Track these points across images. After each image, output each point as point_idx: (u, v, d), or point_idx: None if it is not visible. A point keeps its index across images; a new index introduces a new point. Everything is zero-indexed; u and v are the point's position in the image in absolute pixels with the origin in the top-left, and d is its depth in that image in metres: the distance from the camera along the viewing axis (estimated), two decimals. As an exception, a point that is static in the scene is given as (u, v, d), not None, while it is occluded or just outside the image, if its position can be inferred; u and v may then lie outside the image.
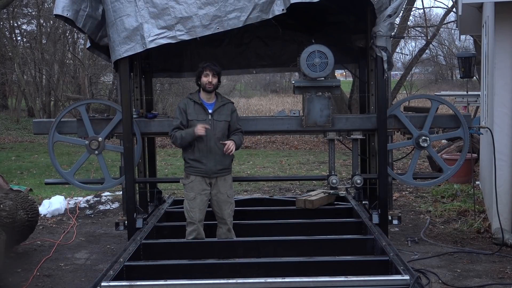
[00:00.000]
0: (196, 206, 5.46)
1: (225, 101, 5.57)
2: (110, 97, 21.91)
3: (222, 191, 5.51)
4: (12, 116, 23.40)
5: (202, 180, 5.45)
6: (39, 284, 5.57)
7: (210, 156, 5.41)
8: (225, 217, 5.56)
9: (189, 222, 5.51)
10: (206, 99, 5.49)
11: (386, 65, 5.64)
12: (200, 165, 5.42)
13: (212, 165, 5.42)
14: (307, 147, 17.35)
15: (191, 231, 5.49)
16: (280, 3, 5.34)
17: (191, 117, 5.42)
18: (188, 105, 5.46)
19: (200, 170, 5.43)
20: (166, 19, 5.47)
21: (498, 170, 6.38)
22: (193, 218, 5.46)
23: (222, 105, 5.51)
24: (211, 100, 5.51)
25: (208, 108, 5.46)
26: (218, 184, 5.49)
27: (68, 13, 5.52)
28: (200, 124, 5.30)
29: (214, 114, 5.45)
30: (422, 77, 36.27)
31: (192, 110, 5.44)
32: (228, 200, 5.56)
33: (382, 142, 5.78)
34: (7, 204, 6.19)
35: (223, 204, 5.53)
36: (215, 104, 5.49)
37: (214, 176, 5.46)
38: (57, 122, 5.94)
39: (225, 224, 5.58)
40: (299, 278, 4.27)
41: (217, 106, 5.48)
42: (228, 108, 5.54)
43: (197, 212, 5.46)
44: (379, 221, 5.83)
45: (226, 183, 5.54)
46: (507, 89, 6.57)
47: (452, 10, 18.82)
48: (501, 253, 6.15)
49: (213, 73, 5.43)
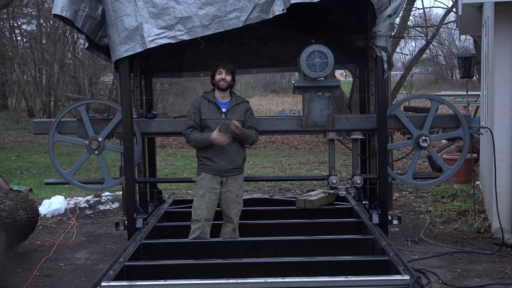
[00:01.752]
0: (204, 203, 5.44)
1: (239, 100, 5.56)
2: (110, 97, 21.90)
3: (231, 190, 5.51)
4: (12, 116, 23.40)
5: (213, 178, 5.45)
6: (39, 284, 5.57)
7: (222, 155, 5.40)
8: (231, 216, 5.55)
9: (194, 220, 5.48)
10: (220, 97, 5.48)
11: (386, 65, 5.64)
12: (212, 163, 5.43)
13: (224, 164, 5.42)
14: (307, 147, 17.36)
15: (195, 229, 5.45)
16: (280, 3, 5.33)
17: (204, 116, 5.41)
18: (202, 104, 5.45)
19: (212, 168, 5.43)
20: (166, 19, 5.47)
21: (498, 170, 6.38)
22: (199, 215, 5.44)
23: (236, 104, 5.49)
24: (226, 99, 5.50)
25: (222, 107, 5.45)
26: (229, 183, 5.49)
27: (67, 13, 5.51)
28: (216, 132, 5.28)
29: (228, 113, 5.43)
30: (422, 77, 36.27)
31: (206, 109, 5.43)
32: (237, 199, 5.56)
33: (382, 142, 5.77)
34: (7, 204, 6.19)
35: (231, 203, 5.53)
36: (230, 103, 5.48)
37: (225, 175, 5.46)
38: (57, 122, 5.93)
39: (231, 223, 5.58)
40: (299, 278, 4.26)
41: (231, 105, 5.47)
42: (243, 108, 5.52)
43: (204, 210, 5.44)
44: (379, 221, 5.83)
45: (236, 182, 5.53)
46: (507, 89, 6.57)
47: (452, 10, 18.82)
48: (501, 253, 6.15)
49: (226, 71, 5.43)
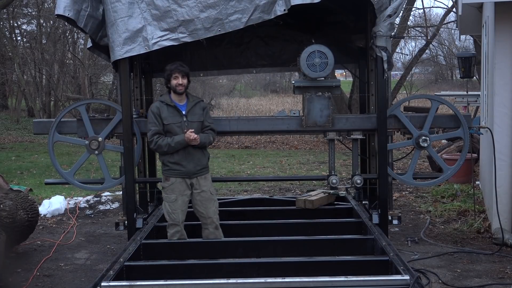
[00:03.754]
0: (178, 207, 5.47)
1: (195, 100, 5.56)
2: (110, 97, 21.91)
3: (205, 189, 5.52)
4: (12, 116, 23.40)
5: (182, 181, 5.46)
6: (39, 284, 5.57)
7: (189, 158, 5.42)
8: (210, 215, 5.56)
9: (171, 224, 5.52)
10: (178, 100, 5.47)
11: (386, 65, 5.64)
12: (180, 167, 5.43)
13: (192, 166, 5.44)
14: (307, 147, 17.35)
15: (174, 233, 5.51)
16: (282, 3, 5.34)
17: (167, 121, 5.39)
18: (161, 109, 5.42)
19: (181, 171, 5.44)
20: (169, 21, 5.48)
21: (498, 170, 6.38)
22: (176, 219, 5.48)
23: (194, 105, 5.50)
24: (183, 101, 5.49)
25: (181, 110, 5.44)
26: (200, 183, 5.50)
27: (69, 13, 5.51)
28: (188, 131, 5.27)
29: (188, 116, 5.44)
30: (422, 77, 36.25)
31: (166, 113, 5.40)
32: (212, 197, 5.58)
33: (382, 142, 5.77)
34: (7, 204, 6.19)
35: (207, 202, 5.54)
36: (187, 104, 5.48)
37: (194, 176, 5.48)
38: (57, 122, 5.93)
39: (212, 223, 5.58)
40: (299, 278, 4.27)
41: (190, 107, 5.47)
42: (200, 107, 5.54)
43: (180, 213, 5.49)
44: (379, 221, 5.83)
45: (207, 181, 5.56)
46: (507, 89, 6.57)
47: (452, 10, 18.82)
48: (501, 253, 6.15)
49: (182, 75, 5.40)
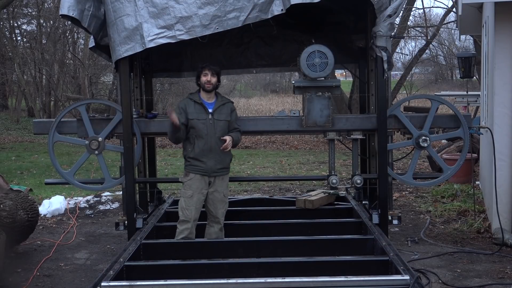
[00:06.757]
0: (193, 204, 5.47)
1: (225, 101, 5.61)
2: (110, 97, 21.90)
3: (219, 190, 5.54)
4: (12, 116, 23.40)
5: (201, 178, 5.47)
6: (39, 284, 5.57)
7: (210, 155, 5.43)
8: (218, 216, 5.59)
9: (182, 221, 5.51)
10: (206, 98, 5.52)
11: (386, 65, 5.64)
12: (200, 164, 5.44)
13: (212, 163, 5.44)
14: (307, 147, 17.35)
15: (183, 230, 5.49)
16: (279, 3, 5.34)
17: (191, 116, 5.44)
18: (189, 105, 5.49)
19: (200, 168, 5.45)
20: (166, 18, 5.47)
21: (498, 170, 6.37)
22: (188, 216, 5.48)
23: (222, 105, 5.54)
24: (211, 99, 5.54)
25: (208, 108, 5.48)
26: (216, 183, 5.52)
27: (73, 13, 5.53)
28: (173, 114, 5.23)
29: (215, 114, 5.47)
30: (422, 77, 36.21)
31: (192, 109, 5.46)
32: (224, 199, 5.61)
33: (382, 142, 5.77)
34: (7, 204, 6.19)
35: (218, 203, 5.56)
36: (215, 103, 5.53)
37: (214, 175, 5.49)
38: (57, 122, 5.93)
39: (218, 223, 5.61)
40: (299, 278, 4.27)
41: (217, 106, 5.51)
42: (228, 108, 5.58)
43: (193, 210, 5.48)
44: (379, 221, 5.83)
45: (223, 182, 5.58)
46: (507, 89, 6.57)
47: (452, 10, 18.82)
48: (501, 253, 6.15)
49: (211, 73, 5.47)
